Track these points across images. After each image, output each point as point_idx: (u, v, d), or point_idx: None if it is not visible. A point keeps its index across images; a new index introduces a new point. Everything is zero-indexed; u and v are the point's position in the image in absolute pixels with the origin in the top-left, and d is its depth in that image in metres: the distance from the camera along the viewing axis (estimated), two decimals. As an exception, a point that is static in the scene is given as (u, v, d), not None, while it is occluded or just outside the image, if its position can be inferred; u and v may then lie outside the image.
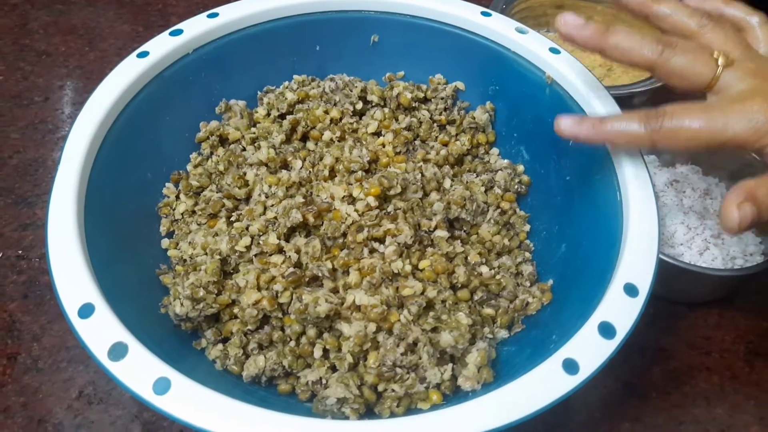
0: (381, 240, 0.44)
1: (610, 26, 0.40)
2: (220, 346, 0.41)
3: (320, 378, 0.40)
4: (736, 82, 0.37)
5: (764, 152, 0.36)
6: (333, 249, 0.43)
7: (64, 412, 0.46)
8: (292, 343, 0.41)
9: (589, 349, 0.34)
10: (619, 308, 0.35)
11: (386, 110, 0.53)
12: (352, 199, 0.45)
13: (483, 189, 0.49)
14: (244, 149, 0.51)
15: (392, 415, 0.38)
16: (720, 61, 0.38)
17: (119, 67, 0.45)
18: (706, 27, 0.39)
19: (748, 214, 0.34)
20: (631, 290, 0.36)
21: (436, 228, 0.45)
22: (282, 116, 0.53)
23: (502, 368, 0.41)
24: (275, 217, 0.44)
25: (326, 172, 0.47)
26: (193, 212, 0.48)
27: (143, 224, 0.47)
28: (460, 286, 0.44)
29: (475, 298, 0.44)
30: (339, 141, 0.51)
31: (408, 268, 0.42)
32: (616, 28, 0.40)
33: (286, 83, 0.54)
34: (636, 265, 0.37)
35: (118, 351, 0.32)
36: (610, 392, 0.49)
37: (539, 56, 0.49)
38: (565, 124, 0.40)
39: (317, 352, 0.40)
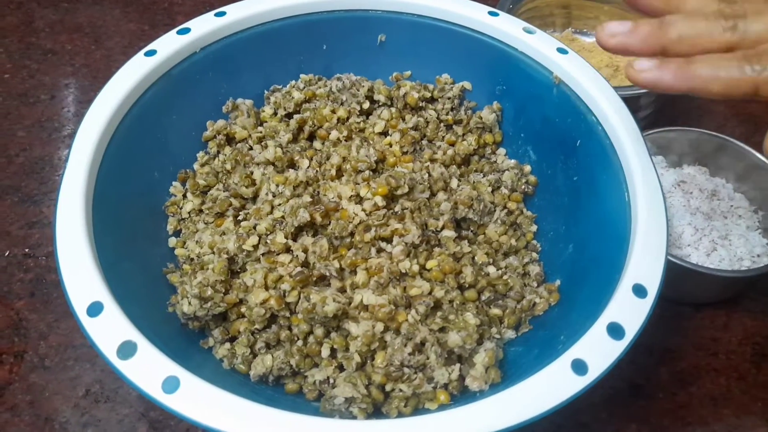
0: (388, 240, 0.44)
1: (663, 19, 0.34)
2: (227, 345, 0.41)
3: (328, 377, 0.40)
4: None
5: None
6: (340, 248, 0.43)
7: (71, 410, 0.46)
8: (300, 343, 0.41)
9: (598, 350, 0.33)
10: (628, 309, 0.35)
11: (393, 110, 0.53)
12: (359, 199, 0.45)
13: (490, 189, 0.49)
14: (251, 148, 0.51)
15: (400, 415, 0.38)
16: None
17: (127, 66, 0.45)
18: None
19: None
20: (639, 291, 0.36)
21: (443, 228, 0.45)
22: (289, 115, 0.53)
23: (510, 368, 0.41)
24: (282, 217, 0.44)
25: (333, 172, 0.47)
26: (200, 211, 0.48)
27: (150, 223, 0.47)
28: (467, 286, 0.44)
29: (483, 298, 0.44)
30: (346, 140, 0.51)
31: (415, 267, 0.42)
32: (671, 17, 0.33)
33: (293, 82, 0.54)
34: (644, 265, 0.37)
35: (127, 349, 0.32)
36: (617, 393, 0.49)
37: (547, 56, 0.49)
38: (640, 67, 0.33)
39: (325, 352, 0.40)
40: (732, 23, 0.32)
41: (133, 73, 0.45)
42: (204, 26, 0.48)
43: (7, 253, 0.55)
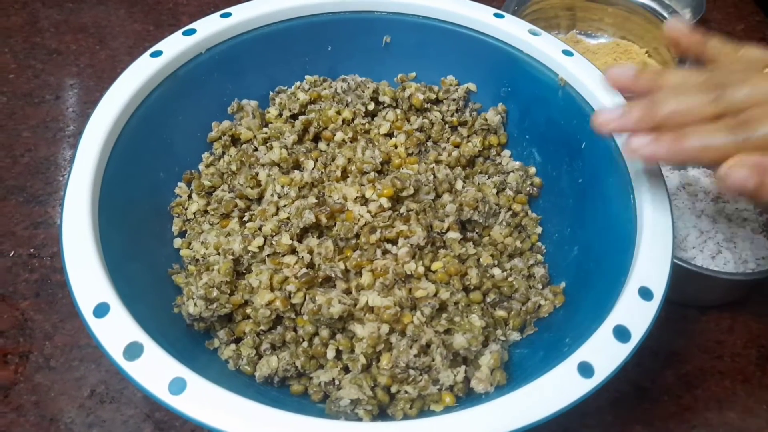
0: (394, 241, 0.43)
1: (652, 98, 0.36)
2: (232, 346, 0.41)
3: (333, 379, 0.40)
4: None
5: None
6: (346, 250, 0.43)
7: (76, 410, 0.46)
8: (305, 344, 0.41)
9: (604, 353, 0.33)
10: (634, 312, 0.35)
11: (398, 111, 0.53)
12: (364, 200, 0.45)
13: (495, 191, 0.49)
14: (256, 149, 0.51)
15: (405, 416, 0.38)
16: None
17: (133, 67, 0.45)
18: (719, 70, 0.37)
19: (752, 180, 0.32)
20: (645, 294, 0.36)
21: (448, 229, 0.45)
22: (294, 116, 0.53)
23: (515, 370, 0.41)
24: (288, 218, 0.44)
25: (338, 173, 0.47)
26: (206, 212, 0.48)
27: (156, 223, 0.47)
28: (472, 288, 0.44)
29: (488, 300, 0.44)
30: (351, 142, 0.51)
31: (421, 269, 0.42)
32: (659, 96, 0.36)
33: (298, 83, 0.54)
34: (650, 268, 0.37)
35: (133, 351, 0.32)
36: (622, 395, 0.49)
37: (552, 58, 0.49)
38: (636, 145, 0.35)
39: (330, 353, 0.40)
40: (715, 95, 0.34)
41: (138, 74, 0.45)
42: (210, 27, 0.48)
43: (12, 253, 0.55)
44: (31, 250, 0.55)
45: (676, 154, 0.34)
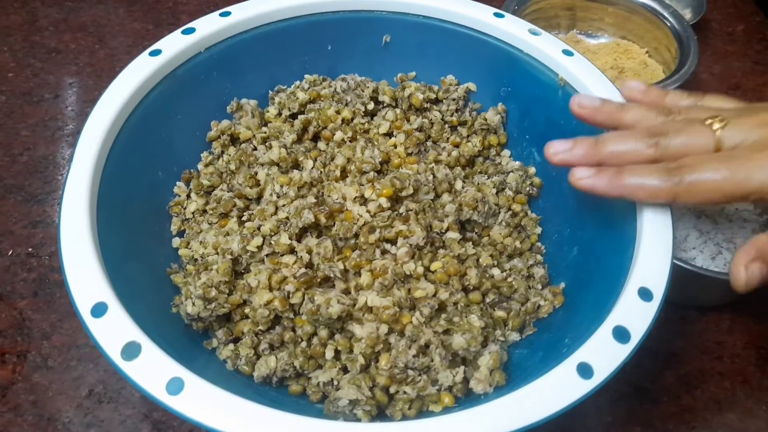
0: (393, 241, 0.43)
1: (598, 138, 0.39)
2: (231, 346, 0.41)
3: (332, 379, 0.40)
4: (743, 135, 0.36)
5: None
6: (345, 250, 0.43)
7: (74, 410, 0.46)
8: (304, 344, 0.41)
9: (603, 354, 0.33)
10: (634, 312, 0.35)
11: (398, 111, 0.53)
12: (363, 200, 0.45)
13: (494, 191, 0.49)
14: (255, 149, 0.51)
15: (404, 417, 0.38)
16: (715, 125, 0.36)
17: (131, 65, 0.45)
18: (679, 113, 0.39)
19: (756, 274, 0.34)
20: (645, 294, 0.36)
21: (447, 230, 0.45)
22: (293, 116, 0.53)
23: (514, 371, 0.41)
24: (287, 218, 0.44)
25: (338, 173, 0.47)
26: (204, 211, 0.48)
27: (154, 223, 0.46)
28: (471, 288, 0.44)
29: (487, 300, 0.44)
30: (350, 141, 0.51)
31: (420, 269, 0.42)
32: (604, 136, 0.39)
33: (298, 83, 0.54)
34: (650, 269, 0.37)
35: (131, 350, 0.32)
36: (622, 396, 0.49)
37: (552, 58, 0.49)
38: (579, 175, 0.38)
39: (329, 353, 0.40)
40: (655, 141, 0.37)
41: (137, 73, 0.44)
42: (209, 26, 0.48)
43: (10, 253, 0.55)
44: (30, 250, 0.55)
45: (613, 189, 0.37)
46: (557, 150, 0.40)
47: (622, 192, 0.37)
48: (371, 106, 0.53)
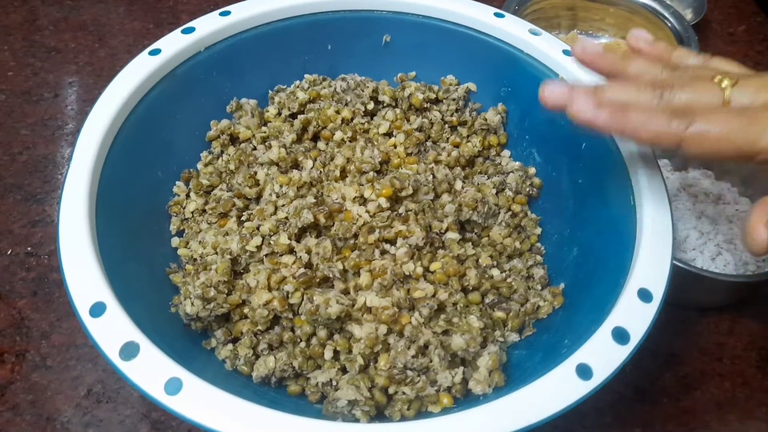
0: (392, 241, 0.43)
1: (597, 86, 0.37)
2: (230, 346, 0.41)
3: (330, 379, 0.39)
4: (752, 97, 0.34)
5: None
6: (344, 250, 0.43)
7: (73, 410, 0.46)
8: (303, 344, 0.41)
9: (602, 355, 0.33)
10: (633, 313, 0.35)
11: (398, 111, 0.53)
12: (363, 200, 0.45)
13: (494, 191, 0.49)
14: (254, 148, 0.51)
15: (403, 418, 0.38)
16: (725, 82, 0.35)
17: (131, 65, 0.45)
18: (686, 70, 0.38)
19: None
20: (645, 295, 0.36)
21: (447, 230, 0.45)
22: (293, 116, 0.52)
23: (513, 372, 0.41)
24: (286, 217, 0.44)
25: (337, 173, 0.47)
26: (204, 211, 0.48)
27: (153, 222, 0.46)
28: (471, 288, 0.44)
29: (486, 301, 0.44)
30: (350, 141, 0.51)
31: (419, 270, 0.42)
32: (604, 84, 0.37)
33: (298, 82, 0.54)
34: (650, 270, 0.37)
35: (129, 350, 0.32)
36: (621, 397, 0.49)
37: (552, 58, 0.48)
38: (578, 105, 0.35)
39: (328, 354, 0.40)
40: (659, 92, 0.35)
41: (137, 72, 0.44)
42: (208, 26, 0.48)
43: (9, 252, 0.55)
44: (29, 249, 0.55)
45: (615, 123, 0.34)
46: (554, 90, 0.37)
47: (624, 127, 0.34)
48: (371, 105, 0.53)
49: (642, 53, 0.40)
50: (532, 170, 0.52)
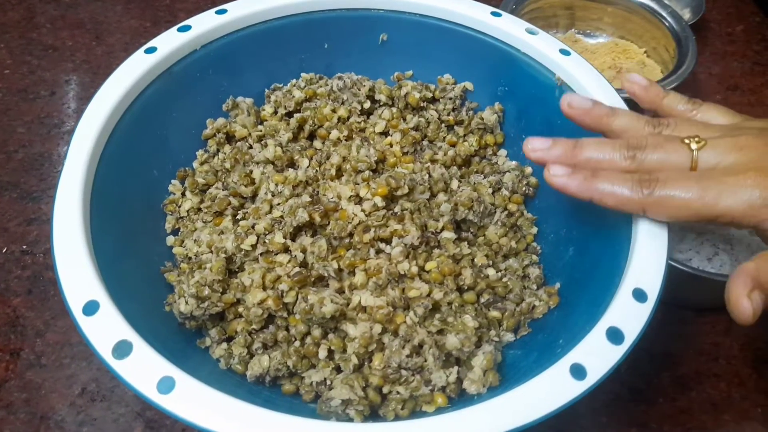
0: (387, 241, 0.43)
1: (577, 141, 0.39)
2: (224, 345, 0.41)
3: (325, 379, 0.39)
4: (719, 158, 0.36)
5: (761, 228, 0.35)
6: (339, 249, 0.43)
7: (67, 408, 0.46)
8: (297, 344, 0.41)
9: (596, 355, 0.33)
10: (628, 314, 0.35)
11: (394, 110, 0.52)
12: (358, 199, 0.44)
13: (490, 190, 0.49)
14: (250, 147, 0.50)
15: (397, 417, 0.38)
16: (693, 145, 0.37)
17: (127, 63, 0.45)
18: (667, 126, 0.39)
19: (760, 303, 0.33)
20: (640, 295, 0.36)
21: (443, 229, 0.45)
22: (289, 114, 0.52)
23: (508, 372, 0.41)
24: (281, 216, 0.44)
25: (333, 172, 0.47)
26: (199, 210, 0.48)
27: (148, 221, 0.46)
28: (466, 288, 0.43)
29: (482, 300, 0.44)
30: (346, 140, 0.51)
31: (414, 269, 0.42)
32: (583, 141, 0.39)
33: (294, 81, 0.54)
34: (645, 270, 0.37)
35: (122, 349, 0.32)
36: (617, 397, 0.49)
37: (549, 57, 0.48)
38: (554, 170, 0.38)
39: (322, 353, 0.40)
40: (632, 153, 0.38)
41: (132, 70, 0.44)
42: (205, 24, 0.48)
43: (4, 250, 0.55)
44: (24, 247, 0.55)
45: (584, 191, 0.37)
46: (535, 147, 0.40)
47: (592, 195, 0.37)
48: (367, 104, 0.53)
49: (637, 96, 0.43)
50: (529, 170, 0.51)
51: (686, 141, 0.37)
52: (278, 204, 0.45)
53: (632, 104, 0.44)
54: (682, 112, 0.42)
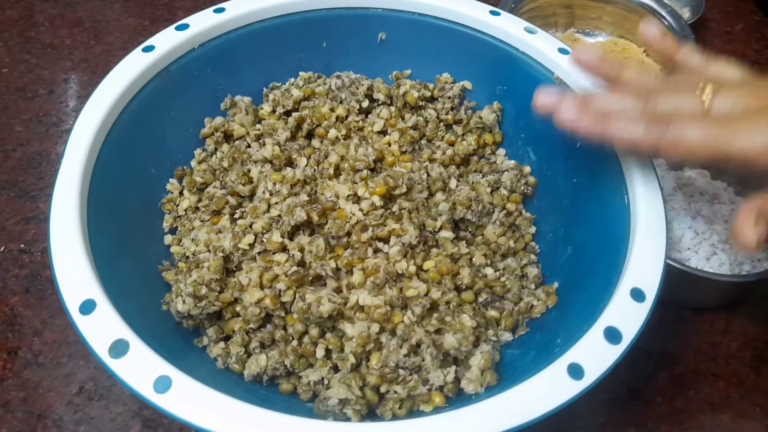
0: (385, 240, 0.43)
1: (587, 96, 0.39)
2: (221, 344, 0.41)
3: (322, 378, 0.39)
4: (733, 104, 0.36)
5: None
6: (337, 248, 0.43)
7: (65, 407, 0.46)
8: (295, 343, 0.41)
9: (594, 354, 0.33)
10: (626, 313, 0.35)
11: (392, 109, 0.52)
12: (356, 198, 0.44)
13: (489, 190, 0.49)
14: (248, 146, 0.50)
15: (394, 417, 0.38)
16: (707, 89, 0.36)
17: (124, 61, 0.45)
18: (677, 79, 0.39)
19: (764, 232, 0.33)
20: (637, 295, 0.35)
21: (441, 228, 0.45)
22: (287, 113, 0.52)
23: (506, 371, 0.40)
24: (279, 215, 0.44)
25: (331, 171, 0.47)
26: (197, 209, 0.47)
27: (146, 220, 0.46)
28: (464, 287, 0.43)
29: (480, 300, 0.44)
30: (344, 139, 0.51)
31: (412, 268, 0.42)
32: (593, 92, 0.39)
33: (292, 80, 0.54)
34: (643, 269, 0.37)
35: (119, 348, 0.32)
36: (615, 397, 0.49)
37: (548, 56, 0.48)
38: (565, 110, 0.37)
39: (320, 352, 0.40)
40: (644, 101, 0.37)
41: (130, 69, 0.44)
42: (202, 22, 0.48)
43: (2, 249, 0.55)
44: (22, 246, 0.55)
45: (596, 128, 0.36)
46: (545, 97, 0.39)
47: (604, 133, 0.36)
48: (366, 103, 0.53)
49: (652, 46, 0.42)
50: (527, 169, 0.51)
51: (700, 87, 0.36)
52: (276, 203, 0.45)
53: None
54: (695, 66, 0.41)
